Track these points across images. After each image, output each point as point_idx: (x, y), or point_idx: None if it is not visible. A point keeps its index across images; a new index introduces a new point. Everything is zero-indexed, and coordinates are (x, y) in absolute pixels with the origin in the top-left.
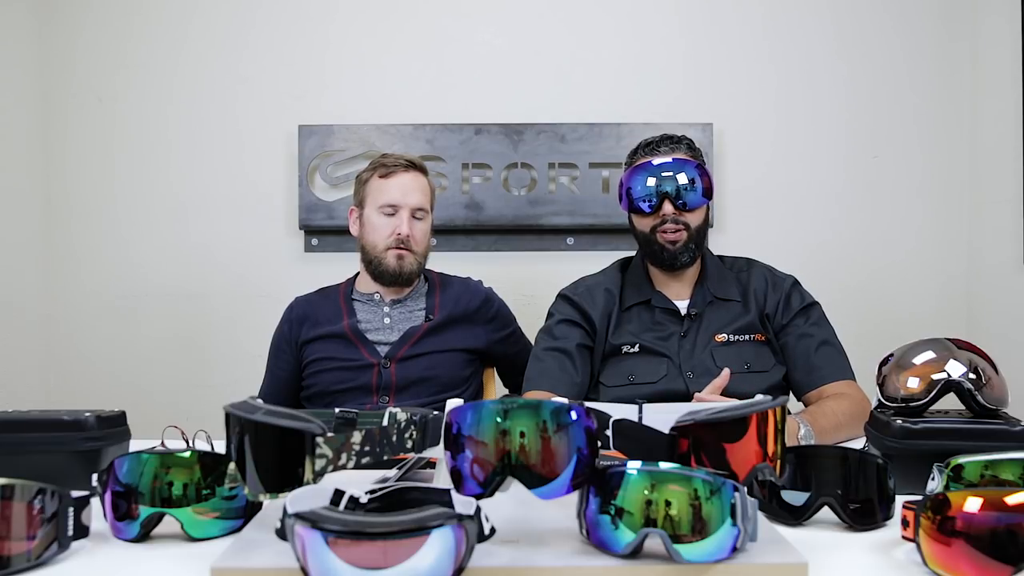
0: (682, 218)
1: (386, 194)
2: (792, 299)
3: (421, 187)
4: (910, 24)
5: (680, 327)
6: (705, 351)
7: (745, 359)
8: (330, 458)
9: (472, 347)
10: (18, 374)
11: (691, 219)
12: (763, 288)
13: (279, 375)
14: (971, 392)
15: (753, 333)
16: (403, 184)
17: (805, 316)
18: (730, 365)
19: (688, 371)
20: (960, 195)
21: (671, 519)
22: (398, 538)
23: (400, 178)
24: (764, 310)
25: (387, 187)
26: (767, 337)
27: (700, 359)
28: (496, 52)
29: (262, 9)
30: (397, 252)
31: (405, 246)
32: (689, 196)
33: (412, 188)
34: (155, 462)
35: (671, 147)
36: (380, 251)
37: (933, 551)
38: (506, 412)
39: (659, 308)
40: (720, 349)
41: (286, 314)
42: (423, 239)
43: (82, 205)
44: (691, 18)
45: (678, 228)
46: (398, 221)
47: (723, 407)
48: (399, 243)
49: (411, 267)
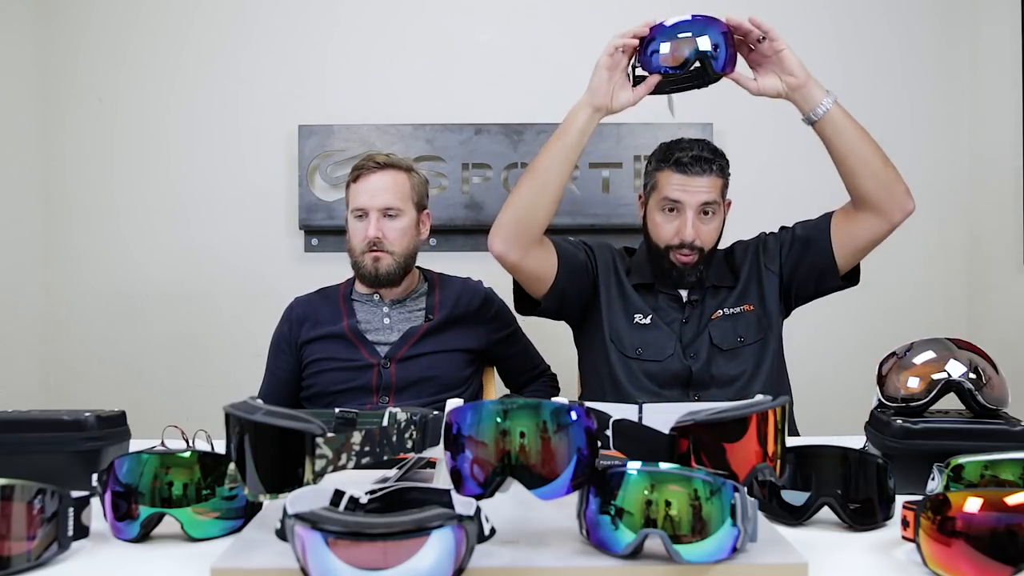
0: (698, 243)
1: (355, 199)
2: (769, 243)
3: (393, 186)
4: (910, 24)
5: (681, 314)
6: (704, 332)
7: (739, 333)
8: (330, 458)
9: (472, 347)
10: (18, 374)
11: (707, 243)
12: (744, 258)
13: (279, 375)
14: (971, 392)
15: (743, 304)
16: (370, 186)
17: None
18: (725, 340)
19: (691, 353)
20: (960, 195)
21: (671, 519)
22: (398, 539)
23: (368, 180)
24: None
25: (357, 191)
26: (755, 307)
27: (700, 341)
28: (496, 52)
29: (262, 9)
30: (372, 255)
31: (378, 248)
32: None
33: (380, 189)
34: (155, 462)
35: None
36: (358, 255)
37: (933, 551)
38: (506, 412)
39: (663, 293)
40: (715, 324)
41: (286, 314)
42: (400, 238)
43: (82, 205)
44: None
45: (693, 253)
46: (367, 224)
47: (723, 407)
48: (371, 246)
49: (388, 268)
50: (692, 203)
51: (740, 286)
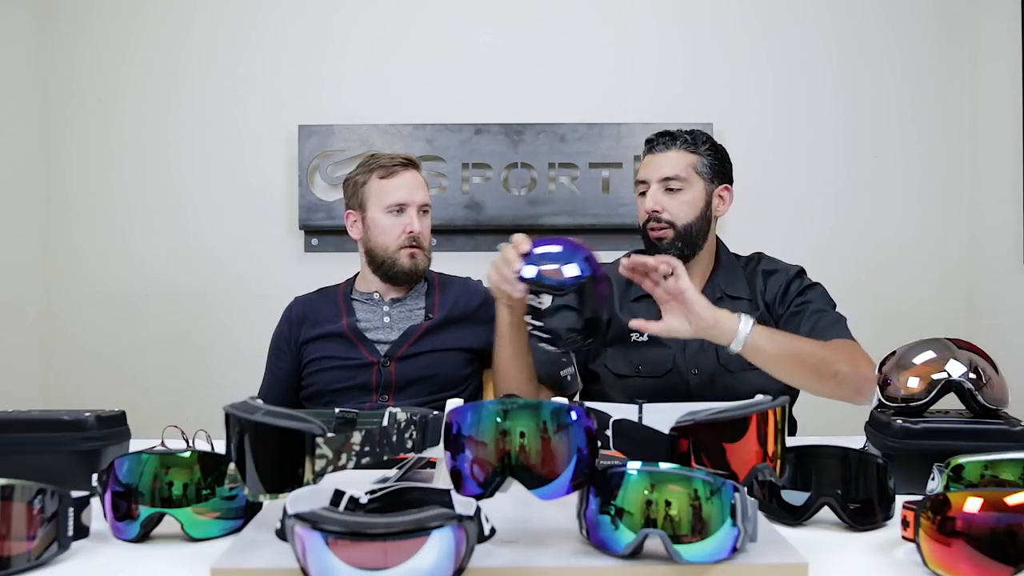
0: (665, 215)
1: (391, 194)
2: (791, 287)
3: (422, 184)
4: (910, 24)
5: None
6: (710, 348)
7: None
8: (330, 458)
9: (471, 346)
10: (18, 374)
11: (677, 216)
12: (766, 280)
13: (279, 375)
14: (971, 392)
15: None
16: (407, 182)
17: (803, 296)
18: (733, 362)
19: (693, 369)
20: (960, 195)
21: (671, 519)
22: (398, 539)
23: (403, 176)
24: (766, 300)
25: (391, 187)
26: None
27: (705, 356)
28: (496, 52)
29: (262, 9)
30: (410, 251)
31: (417, 244)
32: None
33: (417, 186)
34: (155, 462)
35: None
36: (392, 252)
37: (933, 551)
38: (506, 412)
39: None
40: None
41: (285, 314)
42: (429, 235)
43: (82, 205)
44: (691, 18)
45: (662, 226)
46: (408, 219)
47: (723, 407)
48: (411, 241)
49: (423, 264)
50: (654, 177)
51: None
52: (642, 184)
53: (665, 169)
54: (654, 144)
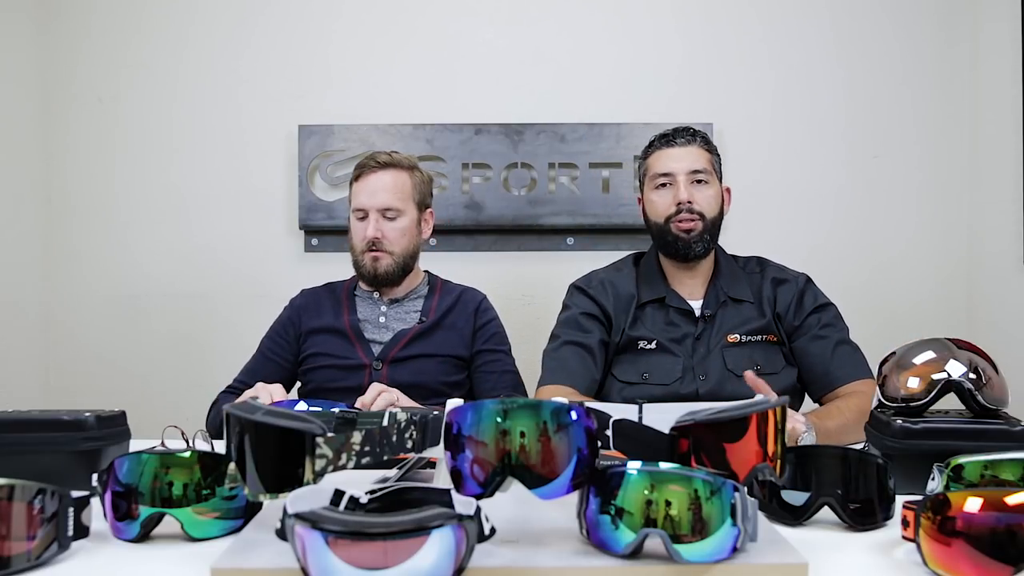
0: (696, 207)
1: (355, 198)
2: (805, 299)
3: (393, 185)
4: (909, 23)
5: (694, 328)
6: (716, 353)
7: (755, 360)
8: (330, 458)
9: (461, 354)
10: (18, 374)
11: (705, 209)
12: (775, 288)
13: (268, 356)
14: (971, 392)
15: (765, 334)
16: (370, 186)
17: (818, 317)
18: (740, 367)
19: (701, 374)
20: (960, 195)
21: (671, 519)
22: (398, 538)
23: (368, 180)
24: (776, 310)
25: (357, 190)
26: (778, 339)
27: (712, 361)
28: (496, 52)
29: (263, 10)
30: (371, 255)
31: (377, 248)
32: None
33: (379, 189)
34: (155, 462)
35: (687, 139)
36: (358, 254)
37: (933, 551)
38: (506, 412)
39: (673, 308)
40: (731, 350)
41: (291, 303)
42: (399, 238)
43: (82, 205)
44: (691, 18)
45: (692, 218)
46: (366, 224)
47: (723, 407)
48: (370, 246)
49: (387, 268)
50: (682, 170)
51: (765, 318)
52: (664, 177)
53: (692, 162)
54: (673, 139)
